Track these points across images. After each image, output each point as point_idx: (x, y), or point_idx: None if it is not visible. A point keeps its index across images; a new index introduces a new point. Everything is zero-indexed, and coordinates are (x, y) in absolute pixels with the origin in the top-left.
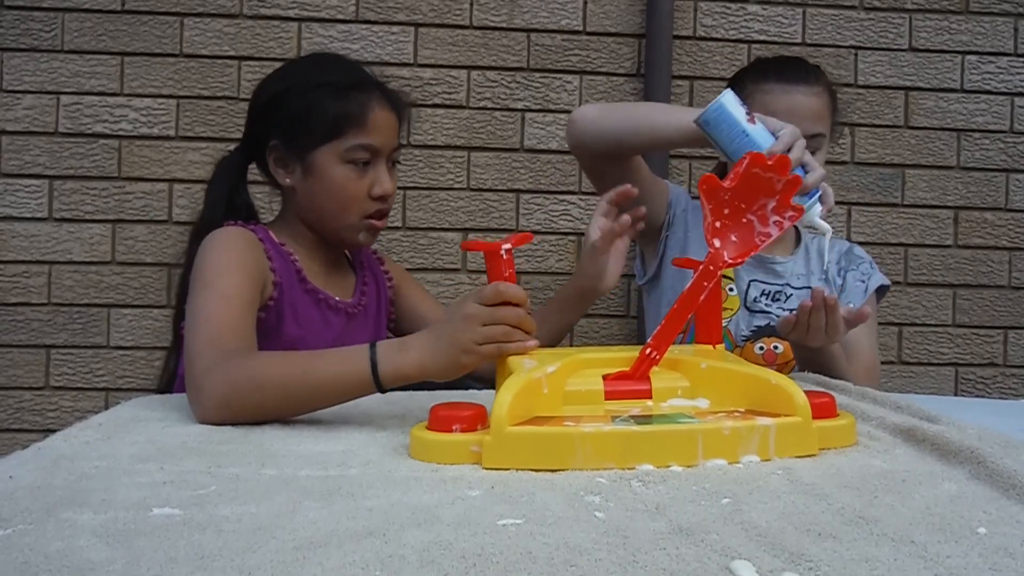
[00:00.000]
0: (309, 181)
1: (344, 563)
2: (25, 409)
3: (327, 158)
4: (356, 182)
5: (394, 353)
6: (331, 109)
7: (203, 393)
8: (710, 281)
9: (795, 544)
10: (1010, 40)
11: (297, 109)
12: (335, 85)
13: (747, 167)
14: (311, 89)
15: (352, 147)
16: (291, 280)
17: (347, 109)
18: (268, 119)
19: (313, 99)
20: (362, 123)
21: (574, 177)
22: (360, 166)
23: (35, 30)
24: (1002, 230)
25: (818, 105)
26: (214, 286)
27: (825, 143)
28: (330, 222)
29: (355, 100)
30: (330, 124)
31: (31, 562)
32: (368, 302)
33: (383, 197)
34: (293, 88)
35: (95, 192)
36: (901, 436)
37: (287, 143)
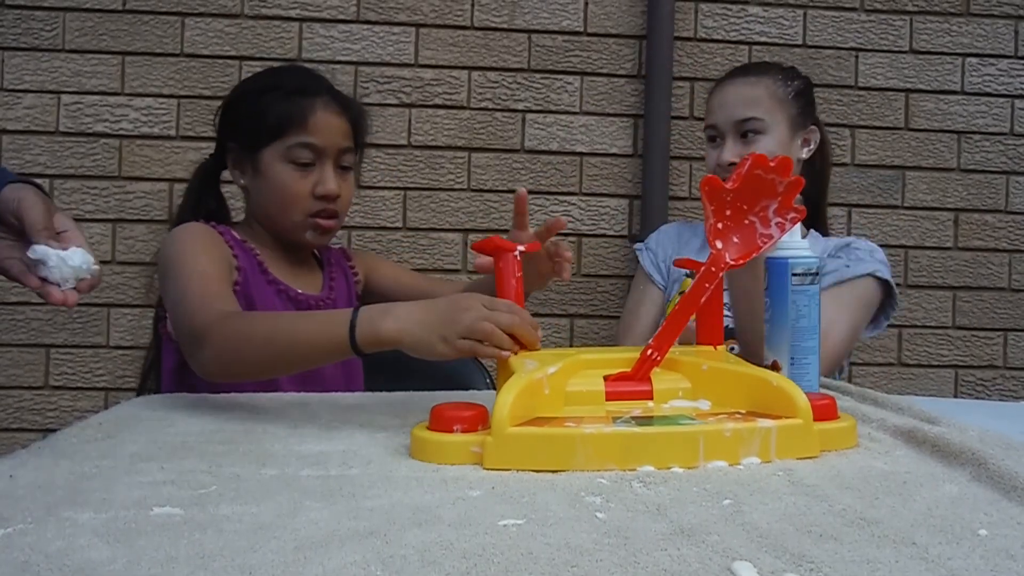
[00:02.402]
0: (258, 181)
1: (345, 563)
2: (25, 408)
3: (271, 158)
4: (299, 181)
5: (376, 316)
6: (275, 111)
7: (205, 350)
8: (711, 282)
9: (796, 545)
10: (1010, 42)
11: (248, 112)
12: (282, 89)
13: (749, 168)
14: (261, 93)
15: (293, 146)
16: (253, 271)
17: (289, 111)
18: (226, 124)
19: (261, 102)
20: (303, 124)
21: (575, 178)
22: (303, 166)
23: (36, 29)
24: (1002, 232)
25: (750, 92)
26: (187, 267)
27: (768, 128)
28: (277, 221)
29: (298, 103)
30: (273, 125)
31: (31, 561)
32: (337, 297)
33: (326, 196)
34: (246, 93)
35: (96, 191)
36: (902, 438)
37: (241, 145)
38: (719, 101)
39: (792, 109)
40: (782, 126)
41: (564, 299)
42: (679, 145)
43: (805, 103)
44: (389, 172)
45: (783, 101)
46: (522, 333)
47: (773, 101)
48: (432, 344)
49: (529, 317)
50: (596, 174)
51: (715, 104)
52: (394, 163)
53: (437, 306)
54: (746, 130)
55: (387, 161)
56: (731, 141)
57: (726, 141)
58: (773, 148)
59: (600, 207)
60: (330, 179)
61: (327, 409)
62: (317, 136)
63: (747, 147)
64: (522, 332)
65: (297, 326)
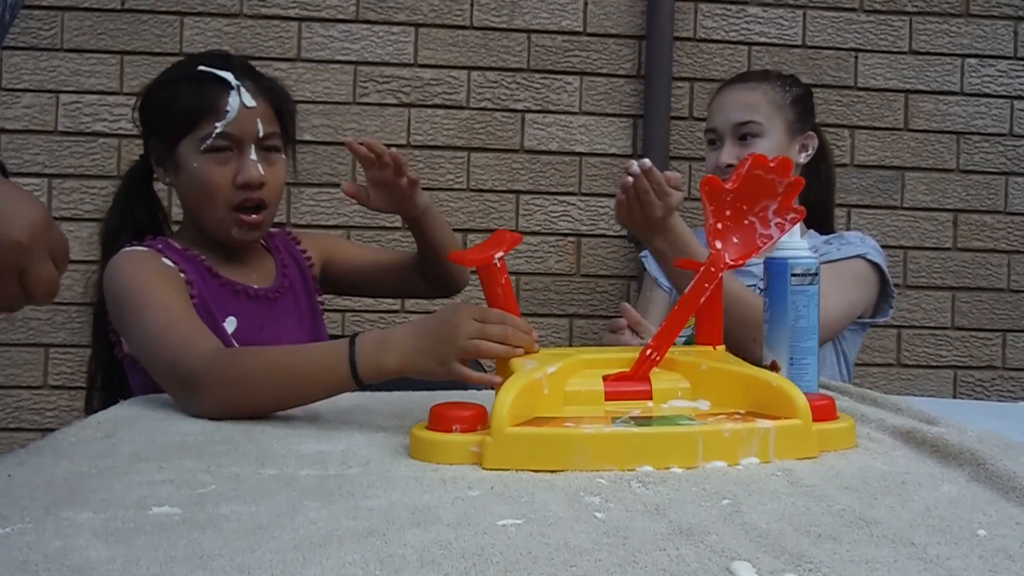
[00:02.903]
0: (180, 177)
1: (344, 563)
2: (24, 408)
3: (187, 150)
4: (217, 171)
5: (376, 351)
6: (185, 100)
7: (201, 394)
8: (711, 283)
9: (795, 545)
10: (1010, 43)
11: (158, 105)
12: (191, 78)
13: (749, 169)
14: (172, 83)
15: (206, 135)
16: (203, 278)
17: (200, 98)
18: (143, 119)
19: (171, 93)
20: (215, 111)
21: (574, 178)
22: (219, 155)
23: (35, 28)
24: (1001, 233)
25: (748, 97)
26: (148, 303)
27: (765, 132)
28: (201, 216)
29: (208, 89)
30: (185, 115)
31: (30, 561)
32: (292, 283)
33: (247, 185)
34: (156, 87)
35: (94, 191)
36: (901, 438)
37: (159, 141)
38: (718, 105)
39: (790, 115)
40: (779, 131)
41: (563, 299)
42: (678, 146)
43: (803, 110)
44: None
45: (781, 106)
46: (516, 342)
47: (771, 106)
48: (432, 370)
49: (522, 323)
50: (595, 174)
51: (715, 108)
52: None
53: (431, 328)
54: (744, 133)
55: None
56: (729, 144)
57: (725, 144)
58: (770, 151)
59: (599, 207)
60: (250, 167)
61: (326, 409)
62: (233, 124)
63: (744, 150)
64: (516, 342)
65: (295, 362)
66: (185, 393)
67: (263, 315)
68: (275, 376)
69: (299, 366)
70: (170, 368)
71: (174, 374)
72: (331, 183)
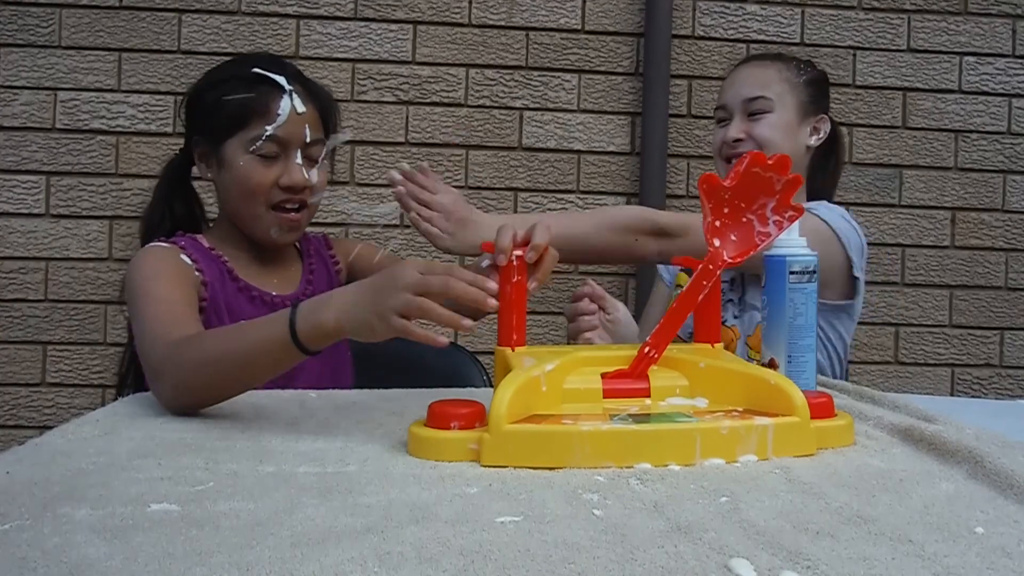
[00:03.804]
0: (223, 174)
1: (342, 559)
2: (22, 405)
3: (235, 149)
4: (262, 172)
5: (316, 309)
6: (237, 101)
7: (162, 383)
8: (709, 280)
9: (793, 543)
10: (1008, 41)
11: (210, 103)
12: (244, 78)
13: (747, 166)
14: (222, 83)
15: (256, 137)
16: (221, 279)
17: (252, 100)
18: (190, 116)
19: (223, 92)
20: (266, 114)
21: (572, 176)
22: (267, 157)
23: (32, 25)
24: (999, 231)
25: (760, 73)
26: (146, 294)
27: (775, 108)
28: (241, 214)
29: (261, 92)
30: (236, 115)
31: (29, 558)
32: (316, 290)
33: (291, 188)
34: (207, 85)
35: (92, 188)
36: (899, 436)
37: (206, 137)
38: (729, 82)
39: (802, 95)
40: (790, 109)
41: (562, 297)
42: (677, 143)
43: (817, 93)
44: (386, 170)
45: (794, 85)
46: (464, 294)
47: (783, 84)
48: (371, 325)
49: (470, 274)
50: (594, 172)
51: (726, 85)
52: (391, 161)
53: (370, 283)
54: (753, 109)
55: (384, 159)
56: (738, 119)
57: (734, 118)
58: (778, 128)
59: (598, 205)
60: (296, 171)
61: (325, 406)
62: (282, 127)
63: (753, 126)
64: (463, 293)
65: (244, 337)
66: (152, 384)
67: None
68: (225, 356)
69: (248, 340)
70: (145, 358)
71: (147, 364)
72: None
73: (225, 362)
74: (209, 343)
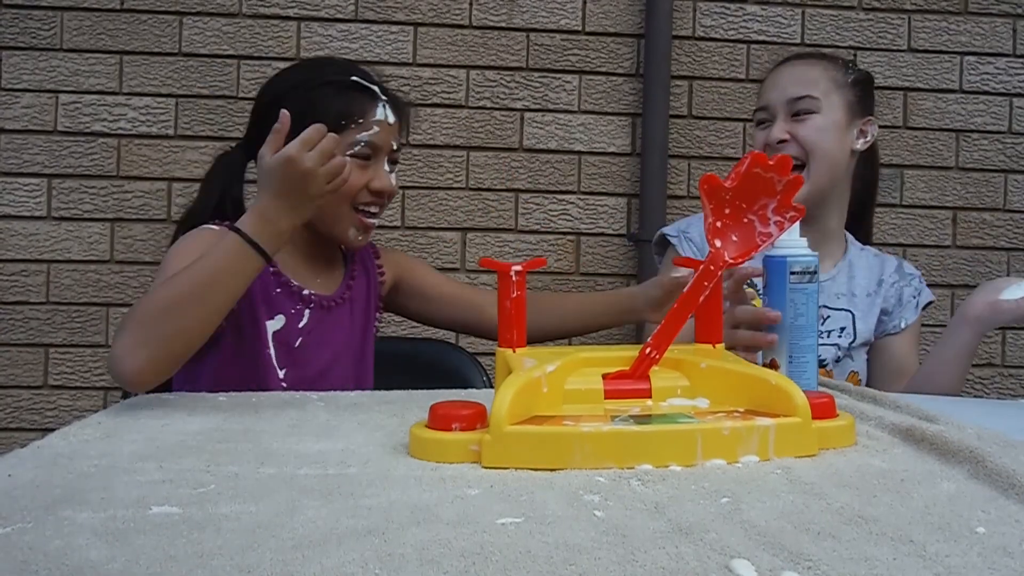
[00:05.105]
0: None
1: (343, 561)
2: (24, 408)
3: None
4: (357, 175)
5: (264, 224)
6: (334, 106)
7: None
8: (710, 281)
9: (794, 543)
10: (1009, 41)
11: (300, 106)
12: (338, 84)
13: (748, 167)
14: (315, 87)
15: (354, 142)
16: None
17: (349, 106)
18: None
19: (316, 96)
20: (363, 120)
21: (573, 177)
22: (361, 161)
23: (34, 28)
24: (1000, 231)
25: (806, 72)
26: (163, 272)
27: (821, 108)
28: (325, 215)
29: (357, 98)
30: (334, 120)
31: (30, 560)
32: (354, 296)
33: (380, 193)
34: (298, 87)
35: (94, 191)
36: (900, 436)
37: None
38: (772, 82)
39: (849, 95)
40: (838, 109)
41: None
42: (677, 144)
43: (864, 93)
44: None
45: (841, 85)
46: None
47: (830, 83)
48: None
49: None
50: (594, 173)
51: (768, 85)
52: None
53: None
54: (798, 109)
55: None
56: (781, 120)
57: (777, 120)
58: (826, 130)
59: (598, 206)
60: (384, 176)
61: (325, 408)
62: (375, 134)
63: (798, 127)
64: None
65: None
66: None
67: (314, 320)
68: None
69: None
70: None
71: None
72: None
73: (188, 296)
74: (162, 290)
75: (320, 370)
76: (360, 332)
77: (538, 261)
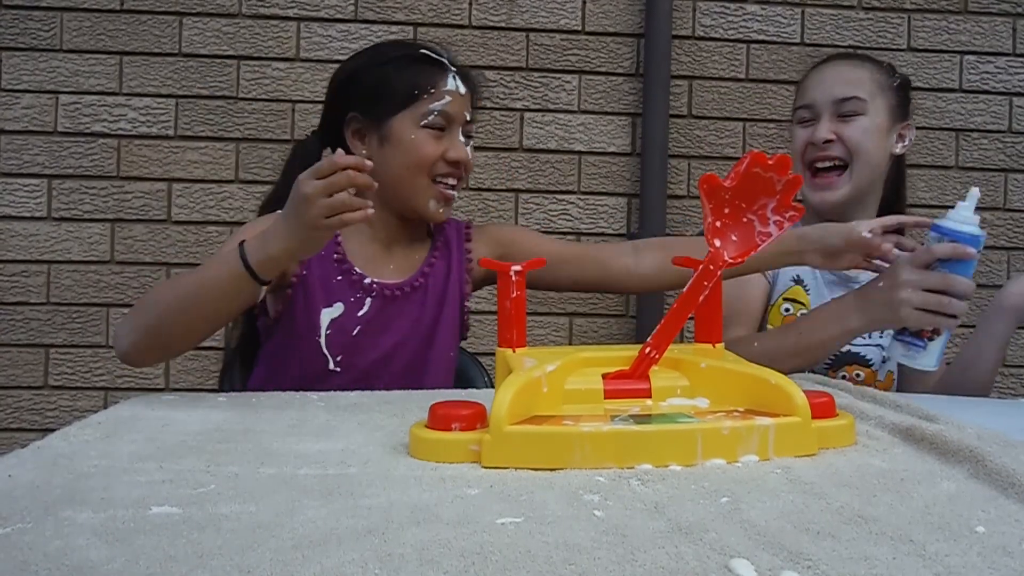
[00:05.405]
0: (385, 149)
1: (343, 561)
2: (24, 408)
3: (404, 124)
4: (433, 145)
5: (260, 247)
6: (407, 78)
7: (118, 325)
8: (710, 281)
9: (794, 543)
10: (1008, 40)
11: (374, 81)
12: (408, 58)
13: (747, 166)
14: (387, 62)
15: (428, 111)
16: (325, 257)
17: (419, 78)
18: (346, 95)
19: (389, 70)
20: (434, 90)
21: (573, 177)
22: (436, 131)
23: (34, 29)
24: (1000, 230)
25: (853, 73)
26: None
27: (867, 111)
28: (402, 188)
29: (426, 70)
30: (407, 91)
31: (30, 561)
32: (429, 283)
33: (457, 162)
34: (370, 63)
35: (94, 191)
36: (900, 435)
37: (365, 114)
38: (817, 80)
39: (892, 99)
40: (882, 113)
41: (563, 298)
42: (677, 143)
43: (905, 98)
44: None
45: (885, 88)
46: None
47: (875, 86)
48: (311, 238)
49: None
50: (594, 173)
51: (812, 83)
52: None
53: (289, 210)
54: (845, 110)
55: None
56: (827, 119)
57: (821, 119)
58: (871, 132)
59: (598, 205)
60: (461, 146)
61: (325, 408)
62: (449, 103)
63: (844, 127)
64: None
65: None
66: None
67: (375, 309)
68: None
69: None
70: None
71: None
72: None
73: (181, 299)
74: (167, 285)
75: (378, 358)
76: (431, 319)
77: (538, 261)
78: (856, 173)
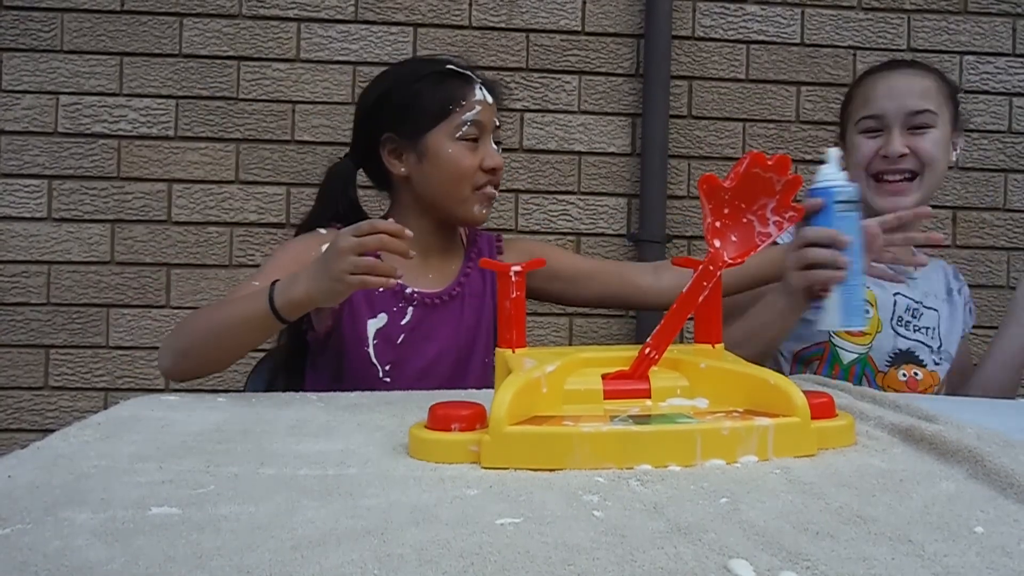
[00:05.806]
0: (423, 165)
1: (342, 562)
2: (24, 409)
3: (439, 139)
4: (469, 156)
5: (286, 289)
6: (438, 93)
7: (162, 342)
8: (709, 281)
9: (793, 543)
10: (1008, 40)
11: (406, 100)
12: (437, 75)
13: (747, 167)
14: (415, 81)
15: (461, 124)
16: None
17: (451, 92)
18: (378, 116)
19: (419, 89)
20: (465, 103)
21: (573, 177)
22: (471, 143)
23: (34, 30)
24: (1000, 230)
25: (922, 84)
26: (259, 272)
27: (939, 123)
28: (446, 200)
29: (456, 84)
30: (439, 107)
31: (30, 561)
32: (467, 292)
33: (493, 170)
34: (398, 84)
35: (94, 192)
36: (899, 435)
37: (400, 133)
38: (885, 90)
39: (953, 109)
40: (947, 124)
41: None
42: (677, 144)
43: (958, 107)
44: None
45: (948, 99)
46: (392, 246)
47: (941, 96)
48: (333, 289)
49: (389, 225)
50: (594, 173)
51: (879, 94)
52: None
53: (323, 258)
54: (917, 123)
55: None
56: (898, 132)
57: (893, 132)
58: (939, 146)
59: (598, 206)
60: (494, 153)
61: (325, 408)
62: (479, 114)
63: (917, 140)
64: (391, 245)
65: (232, 310)
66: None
67: (417, 318)
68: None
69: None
70: None
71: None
72: None
73: (212, 329)
74: (204, 313)
75: (424, 365)
76: (471, 327)
77: (537, 262)
78: (926, 182)
